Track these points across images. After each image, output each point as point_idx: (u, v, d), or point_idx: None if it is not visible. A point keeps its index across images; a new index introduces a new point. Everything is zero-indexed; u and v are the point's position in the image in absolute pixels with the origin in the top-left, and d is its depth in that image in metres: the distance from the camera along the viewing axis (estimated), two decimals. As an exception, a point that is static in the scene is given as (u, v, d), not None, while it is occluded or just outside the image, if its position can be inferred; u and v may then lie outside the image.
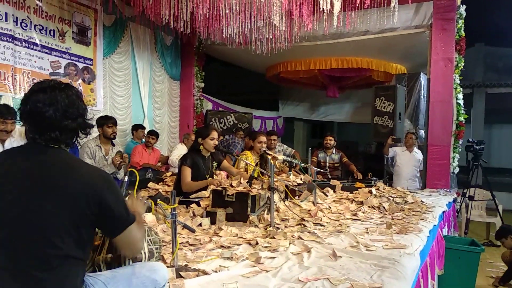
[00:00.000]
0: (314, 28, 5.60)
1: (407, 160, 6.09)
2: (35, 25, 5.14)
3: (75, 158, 1.46)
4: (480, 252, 4.08)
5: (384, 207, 3.77)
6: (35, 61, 5.16)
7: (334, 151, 6.09)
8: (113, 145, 4.67)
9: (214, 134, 3.72)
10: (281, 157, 4.39)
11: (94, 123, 1.57)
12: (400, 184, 5.74)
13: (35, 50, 5.17)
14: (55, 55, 5.44)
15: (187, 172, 3.58)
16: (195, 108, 8.14)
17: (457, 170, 6.13)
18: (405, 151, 6.15)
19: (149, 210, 2.66)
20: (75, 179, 1.33)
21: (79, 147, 4.91)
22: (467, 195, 6.42)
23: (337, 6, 4.49)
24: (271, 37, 5.87)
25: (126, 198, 1.76)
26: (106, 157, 4.53)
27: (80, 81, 5.81)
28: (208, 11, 4.86)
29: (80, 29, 5.79)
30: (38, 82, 1.46)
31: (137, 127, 6.35)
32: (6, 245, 1.26)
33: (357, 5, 4.62)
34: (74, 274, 1.32)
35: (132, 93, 6.86)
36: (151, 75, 7.31)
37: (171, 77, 7.82)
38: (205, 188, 3.42)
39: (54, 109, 1.36)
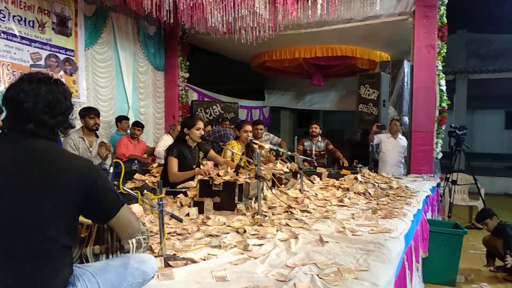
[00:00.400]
0: (298, 16, 5.60)
1: (392, 147, 6.18)
2: (14, 16, 5.01)
3: (59, 148, 1.45)
4: (463, 234, 4.17)
5: (369, 193, 3.83)
6: (14, 53, 5.05)
7: (320, 139, 6.13)
8: (97, 136, 4.62)
9: (200, 124, 3.71)
10: (267, 146, 4.41)
11: (74, 123, 1.55)
12: (386, 170, 5.82)
13: (14, 41, 5.05)
14: (35, 47, 5.32)
15: (174, 162, 3.56)
16: (180, 99, 8.09)
17: (440, 155, 6.25)
18: (390, 138, 6.23)
19: (136, 201, 2.65)
20: (62, 169, 1.32)
21: (62, 139, 4.85)
22: (450, 180, 6.55)
23: (321, -7, 4.48)
24: (255, 25, 5.84)
25: None
26: (90, 148, 4.48)
27: (61, 72, 5.71)
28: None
29: (60, 20, 5.66)
30: (31, 72, 1.45)
31: (121, 119, 6.28)
32: None
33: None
34: (65, 264, 1.32)
35: (116, 84, 6.77)
36: (134, 65, 7.22)
37: (155, 67, 7.74)
38: (192, 178, 3.42)
39: (34, 101, 1.35)
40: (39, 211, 1.26)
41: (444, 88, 6.12)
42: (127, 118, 6.36)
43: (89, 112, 4.51)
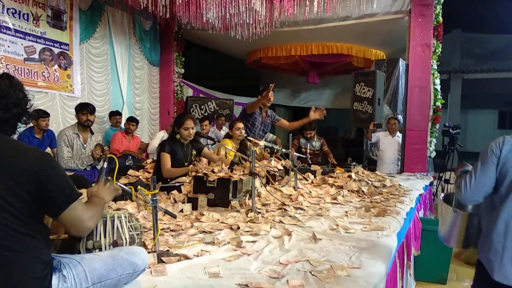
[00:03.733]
0: (295, 13, 5.59)
1: (389, 145, 6.20)
2: (8, 9, 4.96)
3: (14, 140, 1.46)
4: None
5: (363, 191, 3.85)
6: (8, 46, 5.00)
7: (315, 138, 6.15)
8: (92, 133, 4.59)
9: (188, 124, 3.65)
10: (262, 142, 4.41)
11: (35, 114, 1.61)
12: (383, 168, 5.85)
13: (8, 34, 5.00)
14: (29, 40, 5.28)
15: (167, 158, 3.56)
16: (175, 95, 8.06)
17: (433, 154, 6.28)
18: (387, 136, 6.26)
19: (129, 196, 2.65)
20: (14, 162, 1.33)
21: (56, 134, 4.82)
22: (443, 179, 6.59)
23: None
24: (251, 22, 5.82)
25: (107, 184, 1.75)
26: (84, 145, 4.44)
27: (56, 66, 5.67)
28: (187, -5, 4.78)
29: (55, 13, 5.61)
30: None
31: (112, 114, 6.27)
32: None
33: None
34: (30, 251, 1.31)
35: (111, 79, 6.73)
36: (130, 60, 7.18)
37: (151, 62, 7.70)
38: (185, 175, 3.42)
39: None
40: None
41: (438, 87, 6.15)
42: (118, 114, 6.33)
43: (82, 108, 4.47)
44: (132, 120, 6.04)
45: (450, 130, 6.53)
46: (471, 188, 1.97)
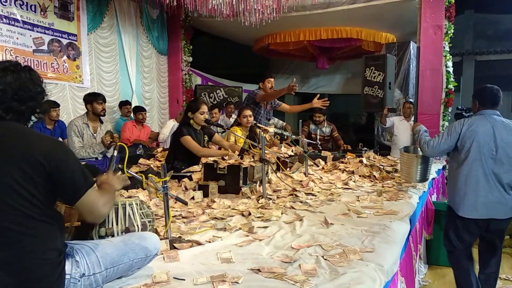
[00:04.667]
0: (302, -2, 5.50)
1: (404, 129, 6.11)
2: (15, 0, 4.97)
3: (27, 128, 1.48)
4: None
5: (374, 176, 3.82)
6: (17, 38, 5.02)
7: (325, 124, 6.10)
8: (101, 122, 4.61)
9: (204, 108, 3.70)
10: (272, 129, 4.39)
11: (49, 109, 1.61)
12: (397, 153, 5.79)
13: (17, 26, 5.01)
14: (37, 31, 5.29)
15: (191, 140, 3.56)
16: (184, 83, 8.04)
17: (446, 138, 6.18)
18: (402, 121, 6.17)
19: (140, 184, 2.66)
20: (29, 147, 1.34)
21: (66, 124, 4.86)
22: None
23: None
24: (259, 7, 5.74)
25: (118, 173, 1.76)
26: (94, 134, 4.47)
27: (65, 57, 5.68)
28: (193, -19, 4.72)
29: (62, 4, 5.60)
30: None
31: (122, 104, 6.29)
32: None
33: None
34: (45, 237, 1.32)
35: (120, 69, 6.73)
36: (138, 50, 7.17)
37: (159, 51, 7.68)
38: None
39: (2, 89, 1.40)
40: (6, 191, 1.28)
41: (451, 69, 6.03)
42: (128, 103, 6.35)
43: (97, 98, 4.47)
44: (140, 109, 6.04)
45: (463, 113, 6.40)
46: (435, 148, 2.96)
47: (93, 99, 4.46)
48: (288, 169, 3.75)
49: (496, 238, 2.93)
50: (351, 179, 3.64)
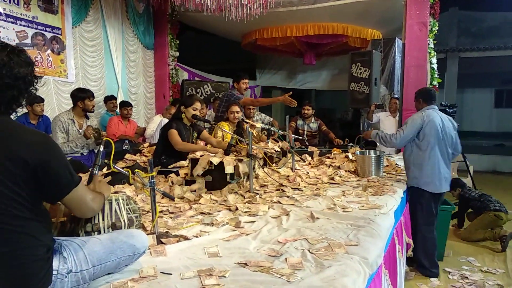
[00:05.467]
0: (290, -7, 5.50)
1: (391, 125, 6.19)
2: (-3, -7, 4.87)
3: (14, 122, 1.39)
4: (451, 210, 4.26)
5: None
6: (-1, 31, 4.92)
7: (312, 120, 6.14)
8: (87, 118, 4.55)
9: (197, 105, 3.73)
10: (259, 125, 4.40)
11: (33, 99, 1.49)
12: (383, 149, 5.87)
13: (-1, 19, 4.91)
14: (20, 25, 5.19)
15: (176, 134, 3.57)
16: (170, 78, 7.98)
17: (430, 133, 6.28)
18: (388, 116, 6.25)
19: (127, 179, 2.65)
20: (12, 144, 1.28)
21: (51, 119, 4.79)
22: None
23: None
24: (246, 2, 5.73)
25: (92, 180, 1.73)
26: (80, 130, 4.41)
27: (49, 51, 5.59)
28: (180, -25, 4.68)
29: (45, -4, 5.51)
30: None
31: (107, 99, 6.22)
32: None
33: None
34: (32, 234, 1.30)
35: (105, 64, 6.65)
36: (123, 44, 7.08)
37: (145, 46, 7.60)
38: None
39: None
40: None
41: (435, 66, 6.12)
42: (114, 98, 6.28)
43: (88, 94, 4.39)
44: (126, 104, 5.98)
45: (447, 109, 6.49)
46: (403, 139, 3.52)
47: (84, 96, 4.37)
48: (274, 164, 3.77)
49: (438, 208, 3.68)
50: (337, 174, 3.69)
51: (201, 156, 2.95)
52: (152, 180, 1.91)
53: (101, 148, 1.87)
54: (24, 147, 1.29)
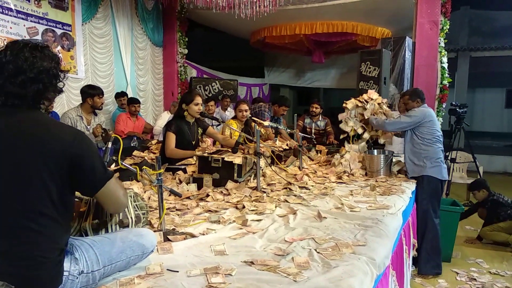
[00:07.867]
0: (299, -9, 5.48)
1: None
2: (8, -11, 4.91)
3: (46, 117, 1.40)
4: (460, 211, 4.22)
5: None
6: (10, 28, 4.96)
7: (320, 118, 6.12)
8: (95, 114, 4.57)
9: (198, 100, 3.67)
10: (267, 123, 4.39)
11: (56, 94, 1.46)
12: (392, 148, 5.82)
13: (10, 15, 4.95)
14: (31, 21, 5.23)
15: (172, 138, 3.55)
16: (179, 75, 8.00)
17: (440, 133, 6.22)
18: (398, 116, 6.18)
19: (135, 176, 2.65)
20: (49, 138, 1.30)
21: (60, 115, 4.82)
22: (449, 158, 6.55)
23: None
24: (255, 0, 5.72)
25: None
26: (88, 127, 4.43)
27: (59, 47, 5.63)
28: (189, -27, 4.68)
29: (56, -7, 5.54)
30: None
31: (118, 95, 6.25)
32: None
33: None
34: (53, 235, 1.30)
35: (114, 60, 6.68)
36: (132, 41, 7.11)
37: (154, 43, 7.63)
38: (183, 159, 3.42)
39: None
40: (25, 185, 1.25)
41: (446, 65, 6.05)
42: (125, 95, 6.31)
43: (98, 91, 4.39)
44: (133, 101, 5.99)
45: (457, 109, 6.45)
46: (395, 124, 3.82)
47: (94, 93, 4.39)
48: (282, 162, 3.76)
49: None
50: (345, 173, 3.66)
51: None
52: (159, 178, 1.91)
53: (109, 145, 1.88)
54: (60, 142, 1.30)
